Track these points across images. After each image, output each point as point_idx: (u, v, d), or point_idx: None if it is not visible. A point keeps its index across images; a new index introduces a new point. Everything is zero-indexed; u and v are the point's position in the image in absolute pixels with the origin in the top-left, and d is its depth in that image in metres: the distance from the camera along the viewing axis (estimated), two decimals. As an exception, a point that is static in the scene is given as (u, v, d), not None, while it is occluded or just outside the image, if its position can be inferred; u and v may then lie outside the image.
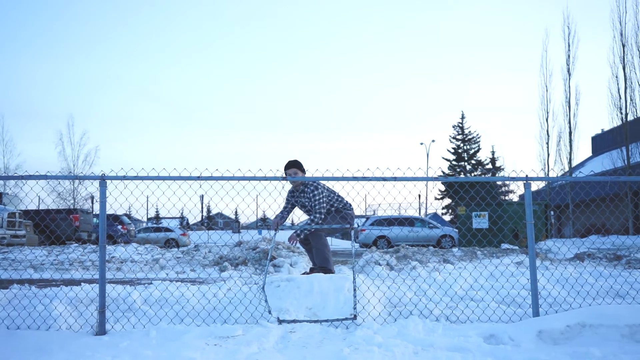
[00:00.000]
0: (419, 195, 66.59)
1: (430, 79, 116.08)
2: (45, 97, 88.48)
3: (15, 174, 26.36)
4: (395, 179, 7.16)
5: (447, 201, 60.31)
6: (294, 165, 8.58)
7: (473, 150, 63.38)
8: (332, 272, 8.47)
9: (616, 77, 39.13)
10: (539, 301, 7.21)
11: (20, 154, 53.88)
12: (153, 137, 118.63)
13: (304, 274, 8.24)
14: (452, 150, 63.35)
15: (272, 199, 7.63)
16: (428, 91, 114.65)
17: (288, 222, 9.88)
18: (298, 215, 9.10)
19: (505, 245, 20.43)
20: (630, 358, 5.24)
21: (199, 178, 7.04)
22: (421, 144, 59.80)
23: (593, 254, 12.52)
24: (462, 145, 63.32)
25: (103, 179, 7.02)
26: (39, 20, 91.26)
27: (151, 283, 8.69)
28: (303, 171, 8.59)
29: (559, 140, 43.66)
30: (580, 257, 12.38)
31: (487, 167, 62.91)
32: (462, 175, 57.19)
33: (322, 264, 8.73)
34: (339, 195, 8.94)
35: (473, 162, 62.89)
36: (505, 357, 5.33)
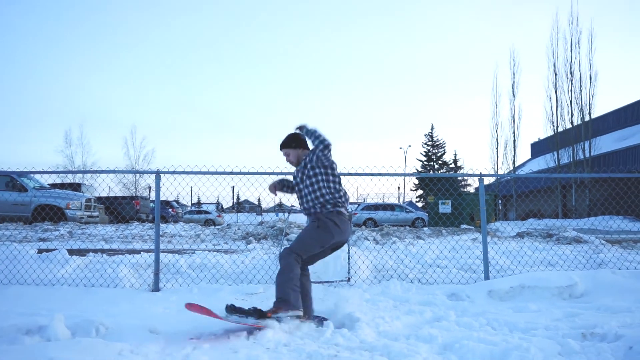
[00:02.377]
0: (399, 187, 66.65)
1: (408, 97, 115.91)
2: (114, 108, 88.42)
3: (91, 169, 26.52)
4: (380, 174, 7.18)
5: (420, 192, 60.08)
6: (285, 145, 5.04)
7: (440, 154, 63.10)
8: (288, 308, 4.30)
9: (549, 98, 39.36)
10: (489, 268, 7.22)
11: (95, 154, 54.01)
12: (196, 141, 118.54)
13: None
14: (424, 153, 63.07)
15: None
16: (406, 107, 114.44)
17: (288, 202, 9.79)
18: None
19: (464, 226, 20.43)
20: (558, 310, 5.24)
21: (230, 173, 7.06)
22: (400, 148, 60.04)
23: (531, 233, 12.50)
24: (431, 149, 63.05)
25: (158, 173, 7.04)
26: (113, 46, 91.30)
27: (194, 252, 8.71)
28: (300, 146, 5.00)
29: (506, 146, 43.66)
30: (521, 235, 12.36)
31: (451, 166, 62.73)
32: (431, 172, 57.10)
33: (278, 293, 4.42)
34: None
35: (440, 162, 62.65)
36: (464, 310, 5.33)
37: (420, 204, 56.52)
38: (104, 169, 7.46)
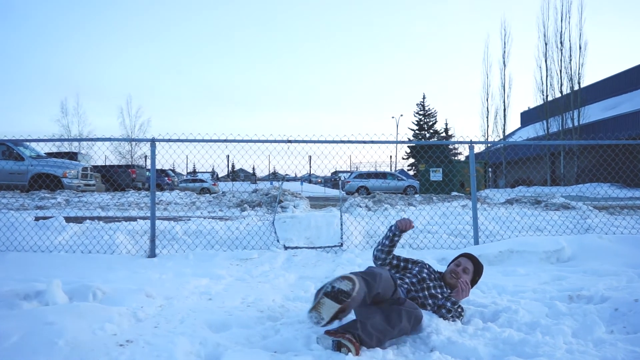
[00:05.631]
0: (390, 156, 66.57)
1: (400, 67, 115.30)
2: (110, 78, 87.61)
3: (87, 137, 26.44)
4: (372, 142, 7.14)
5: (411, 160, 60.12)
6: (477, 265, 4.01)
7: (431, 123, 62.95)
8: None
9: (540, 67, 39.27)
10: (478, 233, 7.26)
11: (90, 123, 53.51)
12: (193, 111, 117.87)
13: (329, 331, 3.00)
14: (416, 123, 62.91)
15: (280, 156, 7.59)
16: (398, 77, 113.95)
17: (291, 174, 9.75)
18: (299, 169, 8.82)
19: (454, 193, 20.46)
20: (545, 274, 5.29)
21: (225, 140, 7.01)
22: (392, 117, 59.95)
23: (520, 200, 12.53)
24: (423, 118, 62.87)
25: (153, 141, 6.98)
26: (109, 15, 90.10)
27: (189, 219, 8.71)
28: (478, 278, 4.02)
29: (496, 115, 43.62)
30: (510, 202, 12.39)
31: (442, 135, 62.68)
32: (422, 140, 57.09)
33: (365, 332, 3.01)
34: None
35: (431, 131, 62.55)
36: (453, 274, 5.36)
37: (411, 172, 56.59)
38: (99, 137, 7.39)
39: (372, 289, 3.06)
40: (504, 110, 42.95)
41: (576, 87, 36.42)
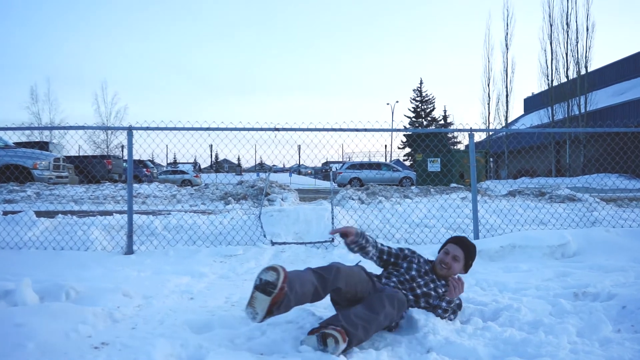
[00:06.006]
0: (385, 145, 66.58)
1: (396, 49, 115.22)
2: (84, 63, 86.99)
3: (59, 125, 26.22)
4: (366, 130, 7.14)
5: (408, 150, 60.20)
6: (466, 248, 3.88)
7: (429, 110, 63.12)
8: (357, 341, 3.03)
9: (544, 50, 39.55)
10: (479, 227, 7.29)
11: (63, 111, 53.43)
12: (173, 98, 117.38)
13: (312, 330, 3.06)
14: (412, 110, 63.05)
15: (267, 146, 7.57)
16: (393, 61, 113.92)
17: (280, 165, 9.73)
18: (287, 159, 8.80)
19: (453, 184, 20.52)
20: (549, 270, 5.32)
21: (208, 129, 6.98)
22: (387, 104, 59.96)
23: (523, 191, 12.60)
24: (420, 105, 63.01)
25: (130, 130, 6.96)
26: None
27: (170, 213, 8.69)
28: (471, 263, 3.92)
29: (498, 102, 43.83)
30: (512, 194, 12.46)
31: (440, 123, 62.83)
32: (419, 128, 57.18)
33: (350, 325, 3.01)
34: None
35: (429, 119, 62.71)
36: (452, 270, 5.38)
37: (408, 163, 56.71)
38: (71, 125, 7.34)
39: (327, 283, 3.15)
40: (507, 96, 43.15)
41: (583, 72, 36.60)
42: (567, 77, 37.55)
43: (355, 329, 2.97)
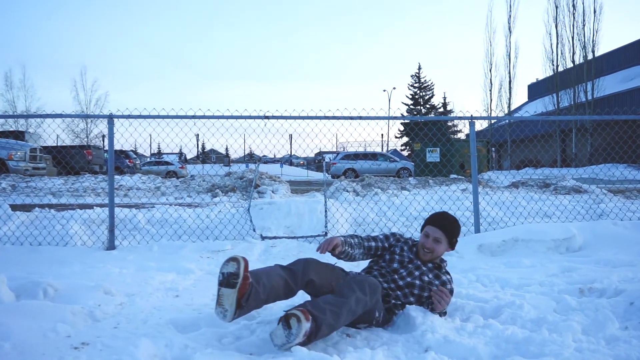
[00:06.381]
0: (382, 134, 66.72)
1: (393, 33, 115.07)
2: (61, 47, 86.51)
3: (36, 113, 26.05)
4: (361, 117, 7.13)
5: (405, 139, 60.25)
6: (444, 228, 3.80)
7: (428, 96, 63.13)
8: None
9: (549, 34, 39.47)
10: (480, 220, 7.31)
11: (39, 98, 53.16)
12: (156, 85, 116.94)
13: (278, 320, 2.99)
14: (410, 96, 63.04)
15: (256, 135, 7.55)
16: (391, 46, 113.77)
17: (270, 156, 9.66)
18: (278, 148, 8.74)
19: (453, 175, 20.59)
20: (554, 265, 5.34)
21: (194, 117, 6.95)
22: (384, 90, 59.96)
23: (526, 182, 12.63)
24: (418, 92, 63.00)
25: (111, 118, 6.92)
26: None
27: (153, 206, 8.68)
28: (455, 240, 3.87)
29: (500, 88, 43.88)
30: (515, 185, 12.49)
31: (440, 110, 62.86)
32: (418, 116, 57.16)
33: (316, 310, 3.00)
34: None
35: (428, 106, 62.73)
36: (451, 266, 5.38)
37: (405, 153, 56.76)
38: (48, 113, 7.30)
39: (296, 275, 3.30)
40: (509, 82, 43.20)
41: (590, 56, 36.67)
42: (573, 62, 37.62)
43: (323, 313, 2.97)
